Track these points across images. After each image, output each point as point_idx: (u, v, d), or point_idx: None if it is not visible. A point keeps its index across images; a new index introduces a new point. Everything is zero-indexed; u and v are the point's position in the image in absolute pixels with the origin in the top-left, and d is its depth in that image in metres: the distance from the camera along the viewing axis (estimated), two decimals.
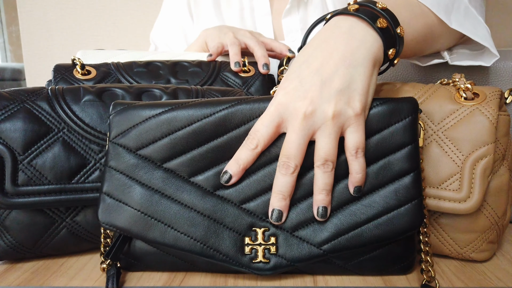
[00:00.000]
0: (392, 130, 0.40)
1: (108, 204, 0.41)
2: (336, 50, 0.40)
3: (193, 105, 0.42)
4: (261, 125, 0.39)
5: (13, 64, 3.52)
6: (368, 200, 0.40)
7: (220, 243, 0.40)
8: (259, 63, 0.65)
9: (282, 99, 0.39)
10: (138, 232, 0.40)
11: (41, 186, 0.43)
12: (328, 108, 0.38)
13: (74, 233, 0.46)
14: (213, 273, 0.42)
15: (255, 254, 0.40)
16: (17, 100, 0.44)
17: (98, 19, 1.50)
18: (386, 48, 0.43)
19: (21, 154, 0.43)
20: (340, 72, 0.39)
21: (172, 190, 0.41)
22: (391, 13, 0.43)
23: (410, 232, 0.40)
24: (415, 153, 0.40)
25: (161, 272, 0.43)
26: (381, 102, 0.41)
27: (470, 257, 0.44)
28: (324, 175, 0.39)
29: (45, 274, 0.43)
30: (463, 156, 0.42)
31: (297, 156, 0.39)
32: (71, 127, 0.45)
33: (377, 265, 0.41)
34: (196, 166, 0.41)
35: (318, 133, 0.39)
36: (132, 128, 0.41)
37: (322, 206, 0.39)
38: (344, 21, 0.43)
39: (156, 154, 0.41)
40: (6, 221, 0.44)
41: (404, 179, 0.40)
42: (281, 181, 0.39)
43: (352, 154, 0.39)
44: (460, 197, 0.41)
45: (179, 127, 0.41)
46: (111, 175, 0.41)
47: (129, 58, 0.64)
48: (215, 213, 0.40)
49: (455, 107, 0.43)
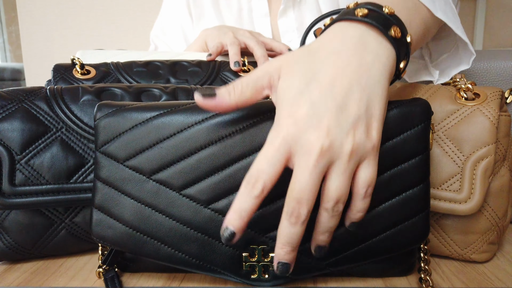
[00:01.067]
0: (404, 138, 0.37)
1: (99, 219, 0.39)
2: (349, 65, 0.33)
3: (184, 110, 0.39)
4: (266, 163, 0.31)
5: (12, 64, 3.52)
6: (375, 213, 0.37)
7: (217, 259, 0.38)
8: (258, 63, 0.66)
9: (291, 130, 0.31)
10: (131, 249, 0.38)
11: (39, 186, 0.43)
12: (346, 141, 0.31)
13: (73, 234, 0.46)
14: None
15: (254, 270, 0.38)
16: (15, 100, 0.44)
17: (98, 19, 1.50)
18: (399, 60, 0.37)
19: (18, 153, 0.43)
20: (356, 95, 0.32)
21: (164, 205, 0.38)
22: (399, 19, 0.37)
23: (417, 244, 0.38)
24: (426, 163, 0.38)
25: (160, 274, 0.43)
26: (393, 106, 0.37)
27: (470, 258, 0.44)
28: (331, 219, 0.33)
29: (44, 274, 0.43)
30: (463, 157, 0.42)
31: (310, 200, 0.31)
32: (69, 127, 0.45)
33: (377, 269, 0.41)
34: (187, 178, 0.38)
35: (332, 170, 0.32)
36: (119, 136, 0.39)
37: (323, 245, 0.35)
38: (353, 29, 0.36)
39: (145, 165, 0.38)
40: (5, 222, 0.44)
41: (413, 190, 0.37)
42: (290, 232, 0.32)
43: (361, 194, 0.33)
44: (460, 198, 0.41)
45: (168, 134, 0.38)
46: (100, 188, 0.39)
47: (128, 58, 0.64)
48: (209, 229, 0.38)
49: (456, 107, 0.43)
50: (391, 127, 0.37)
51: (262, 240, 0.38)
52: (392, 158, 0.37)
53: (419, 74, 0.53)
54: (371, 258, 0.38)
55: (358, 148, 0.32)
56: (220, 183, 0.37)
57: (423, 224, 0.38)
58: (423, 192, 0.38)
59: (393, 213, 0.37)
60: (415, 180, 0.37)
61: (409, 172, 0.37)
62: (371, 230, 0.37)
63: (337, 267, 0.38)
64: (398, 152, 0.37)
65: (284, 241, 0.32)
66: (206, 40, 0.73)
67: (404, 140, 0.37)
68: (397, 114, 0.37)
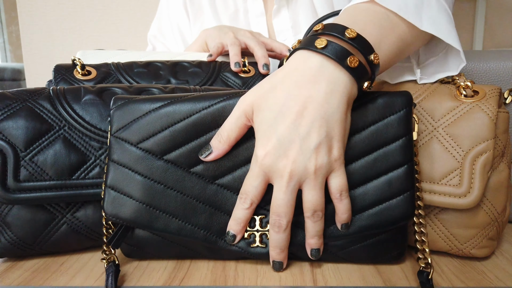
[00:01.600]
0: (387, 122, 0.41)
1: (113, 197, 0.42)
2: (310, 98, 0.39)
3: (192, 98, 0.43)
4: (250, 186, 0.40)
5: (13, 64, 3.52)
6: (361, 191, 0.41)
7: (222, 229, 0.42)
8: (259, 64, 0.65)
9: (265, 160, 0.39)
10: (143, 223, 0.42)
11: (43, 182, 0.43)
12: (309, 164, 0.38)
13: (75, 229, 0.46)
14: (213, 273, 0.42)
15: (253, 239, 0.42)
16: (20, 99, 0.45)
17: (98, 19, 1.50)
18: (360, 83, 0.41)
19: (23, 150, 0.43)
20: (317, 124, 0.38)
21: (173, 181, 0.42)
22: (362, 40, 0.40)
23: (401, 222, 0.41)
24: (409, 145, 0.41)
25: (161, 272, 0.43)
26: (376, 95, 0.42)
27: (470, 253, 0.44)
28: (315, 224, 0.40)
29: (45, 273, 0.43)
30: (463, 152, 0.42)
31: (288, 213, 0.39)
32: (71, 125, 0.45)
33: (369, 253, 0.42)
34: (196, 157, 0.42)
35: (304, 186, 0.39)
36: (133, 122, 0.42)
37: (316, 248, 0.41)
38: (313, 59, 0.40)
39: (157, 147, 0.42)
40: (7, 217, 0.44)
41: (397, 170, 0.41)
42: (276, 238, 0.40)
43: (337, 198, 0.40)
44: (460, 192, 0.42)
45: (178, 119, 0.42)
46: (114, 169, 0.42)
47: (129, 58, 0.64)
48: (216, 201, 0.42)
49: (455, 104, 0.44)
50: (375, 112, 0.41)
51: (261, 212, 0.42)
52: (376, 140, 0.41)
53: (401, 76, 0.51)
54: (357, 233, 0.41)
55: (321, 167, 0.38)
56: (224, 161, 0.42)
57: (408, 203, 0.40)
58: (407, 172, 0.41)
59: (379, 192, 0.41)
60: (399, 160, 0.41)
61: (393, 153, 0.41)
62: (358, 207, 0.41)
63: (326, 240, 0.41)
64: (382, 135, 0.41)
65: (274, 245, 0.41)
66: (206, 40, 0.73)
67: (387, 124, 0.41)
68: (380, 101, 0.41)
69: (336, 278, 0.41)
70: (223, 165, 0.42)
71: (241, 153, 0.42)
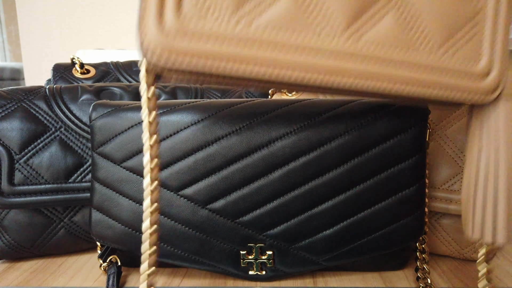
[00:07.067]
0: (400, 139, 0.37)
1: (99, 219, 0.39)
2: None
3: (181, 110, 0.38)
4: None
5: (12, 63, 3.51)
6: (371, 212, 0.38)
7: (216, 256, 0.39)
8: None
9: None
10: (130, 247, 0.39)
11: (38, 186, 0.43)
12: None
13: (72, 233, 0.45)
14: (213, 273, 0.42)
15: (251, 267, 0.39)
16: (14, 99, 0.44)
17: (97, 19, 1.50)
18: None
19: (17, 153, 0.43)
20: None
21: (162, 205, 0.38)
22: None
23: (411, 242, 0.39)
24: (422, 163, 0.38)
25: (161, 272, 0.43)
26: (390, 110, 0.38)
27: (471, 257, 0.44)
28: None
29: (44, 274, 0.43)
30: (464, 156, 0.42)
31: None
32: (68, 126, 0.45)
33: (373, 263, 0.41)
34: (184, 178, 0.38)
35: None
36: (115, 137, 0.39)
37: None
38: None
39: (142, 167, 0.38)
40: (4, 221, 0.44)
41: (409, 190, 0.38)
42: None
43: None
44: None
45: (164, 135, 0.38)
46: (98, 189, 0.39)
47: (128, 57, 0.64)
48: (207, 228, 0.38)
49: (456, 107, 0.43)
50: (388, 128, 0.37)
51: (259, 239, 0.38)
52: (388, 159, 0.37)
53: None
54: (366, 255, 0.39)
55: None
56: (217, 184, 0.38)
57: (417, 223, 0.38)
58: (418, 192, 0.38)
59: (389, 212, 0.38)
60: (410, 180, 0.38)
61: (405, 172, 0.38)
62: (366, 228, 0.38)
63: (332, 263, 0.39)
64: (394, 153, 0.37)
65: None
66: None
67: (400, 142, 0.37)
68: (392, 116, 0.37)
69: (336, 278, 0.41)
70: (216, 188, 0.38)
71: (236, 176, 0.37)
